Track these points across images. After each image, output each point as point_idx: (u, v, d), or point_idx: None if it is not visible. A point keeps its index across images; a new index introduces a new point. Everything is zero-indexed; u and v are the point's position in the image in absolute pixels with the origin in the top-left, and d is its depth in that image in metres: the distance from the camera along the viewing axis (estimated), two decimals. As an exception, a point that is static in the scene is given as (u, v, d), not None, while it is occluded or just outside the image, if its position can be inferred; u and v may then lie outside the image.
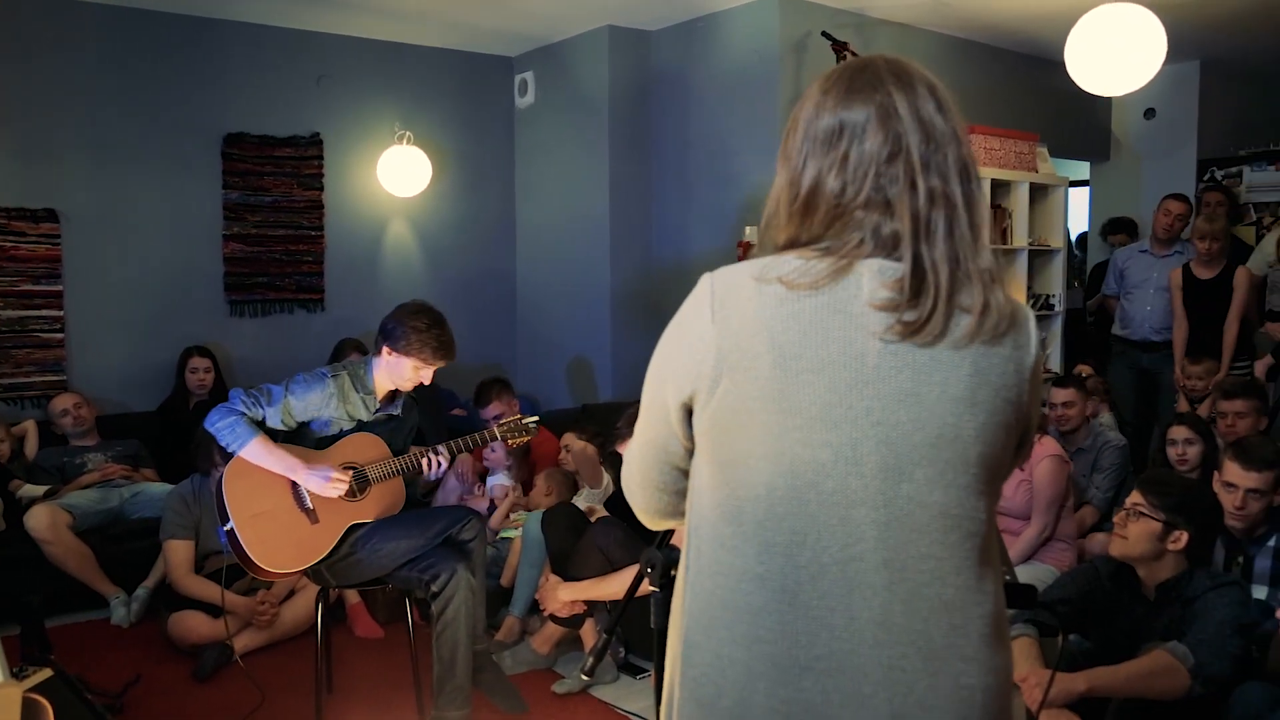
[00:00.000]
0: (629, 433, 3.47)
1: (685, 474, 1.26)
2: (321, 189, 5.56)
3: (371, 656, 3.80)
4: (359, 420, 3.10)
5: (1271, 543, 2.90)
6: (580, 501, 4.04)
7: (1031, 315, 1.20)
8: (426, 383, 3.12)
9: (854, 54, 4.73)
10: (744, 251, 5.10)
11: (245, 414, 2.91)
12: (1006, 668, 1.19)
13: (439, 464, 3.11)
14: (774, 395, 1.12)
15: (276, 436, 2.98)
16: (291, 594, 3.93)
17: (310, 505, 2.99)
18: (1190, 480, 3.18)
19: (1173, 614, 2.56)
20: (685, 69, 5.42)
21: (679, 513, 1.30)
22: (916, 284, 1.12)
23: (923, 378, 1.12)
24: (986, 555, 1.18)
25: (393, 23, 5.40)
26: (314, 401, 3.00)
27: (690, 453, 1.24)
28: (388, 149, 5.61)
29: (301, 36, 5.45)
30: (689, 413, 1.20)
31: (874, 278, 1.13)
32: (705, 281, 1.20)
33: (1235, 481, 2.89)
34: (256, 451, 2.89)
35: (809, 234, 1.18)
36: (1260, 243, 5.28)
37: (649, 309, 5.66)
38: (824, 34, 4.73)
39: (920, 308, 1.11)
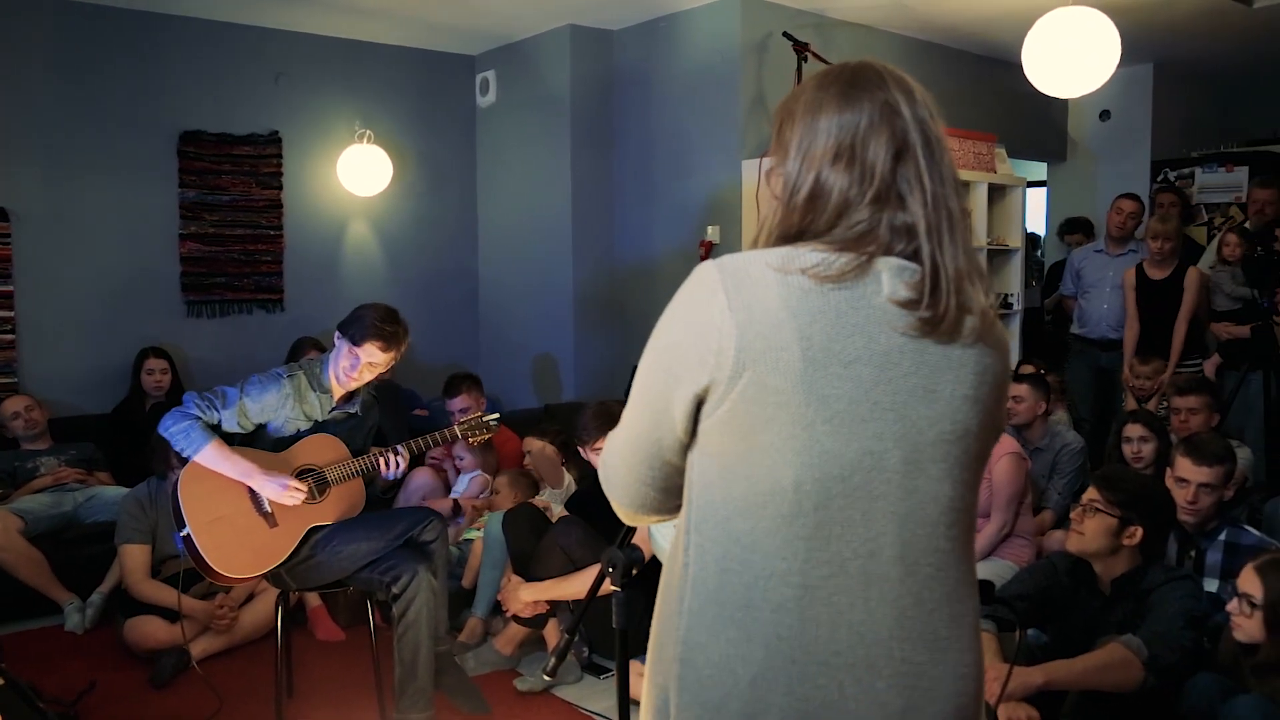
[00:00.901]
0: (597, 433, 3.47)
1: (677, 469, 1.22)
2: (280, 188, 5.50)
3: (333, 660, 3.77)
4: (316, 420, 3.07)
5: (1222, 536, 2.96)
6: (541, 501, 4.03)
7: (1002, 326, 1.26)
8: (370, 378, 3.07)
9: (815, 54, 4.77)
10: (706, 251, 5.12)
11: (200, 418, 2.86)
12: (977, 649, 1.23)
13: (398, 464, 3.09)
14: (803, 388, 1.10)
15: (233, 439, 2.95)
16: (251, 597, 3.88)
17: (268, 509, 2.95)
18: (1144, 476, 3.24)
19: (1128, 608, 2.60)
20: (647, 69, 5.43)
21: (663, 509, 1.27)
22: (933, 284, 1.14)
23: (938, 375, 1.15)
24: (971, 544, 1.23)
25: (352, 20, 5.35)
26: (270, 403, 2.97)
27: (686, 447, 1.20)
28: (348, 148, 5.56)
29: (259, 33, 5.39)
30: (697, 405, 1.16)
31: (894, 276, 1.14)
32: (710, 270, 1.15)
33: (1187, 477, 2.94)
34: (212, 457, 2.85)
35: (815, 230, 1.18)
36: (1210, 243, 5.38)
37: (611, 309, 5.66)
38: (785, 34, 4.76)
39: (936, 306, 1.14)
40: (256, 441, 3.01)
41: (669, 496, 1.25)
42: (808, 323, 1.11)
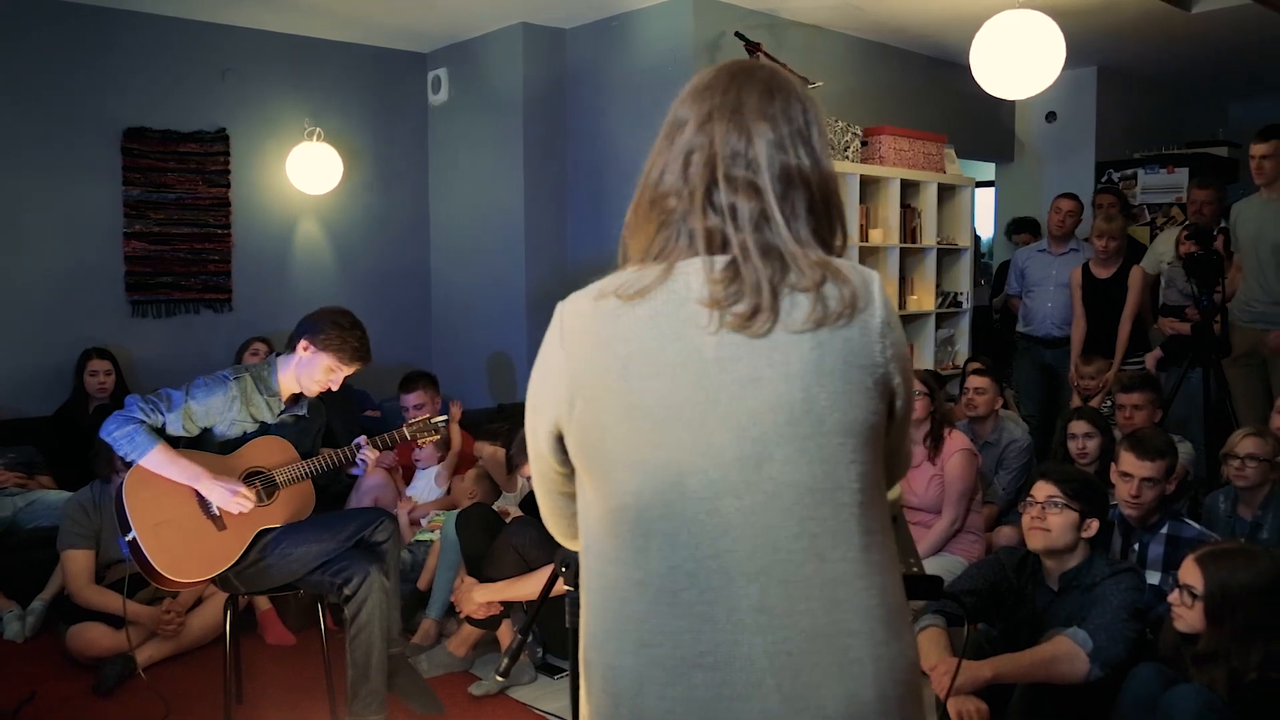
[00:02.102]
0: (524, 458, 3.49)
1: (573, 498, 1.28)
2: (228, 186, 5.42)
3: (283, 664, 3.72)
4: (264, 423, 3.02)
5: (1164, 530, 3.03)
6: (499, 503, 4.01)
7: (876, 277, 1.20)
8: (334, 388, 3.06)
9: (767, 55, 4.79)
10: (660, 250, 5.12)
11: (144, 421, 2.81)
12: (903, 640, 1.18)
13: (362, 461, 3.08)
14: (623, 405, 1.15)
15: (178, 443, 2.89)
16: (199, 602, 3.82)
17: (216, 511, 2.90)
18: (1086, 472, 3.32)
19: (1074, 601, 2.65)
20: (600, 68, 5.42)
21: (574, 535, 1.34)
22: (735, 274, 1.14)
23: (761, 360, 1.13)
24: (870, 525, 1.17)
25: (302, 17, 5.28)
26: (216, 406, 2.92)
27: (570, 477, 1.27)
28: (297, 145, 5.49)
29: (205, 29, 5.30)
30: (560, 440, 1.23)
31: (699, 274, 1.16)
32: (557, 310, 1.24)
33: (1130, 471, 3.01)
34: (157, 460, 2.80)
35: (646, 234, 1.22)
36: (1153, 242, 5.49)
37: (566, 308, 5.64)
38: (737, 34, 4.78)
39: (746, 300, 1.13)
40: (203, 444, 2.96)
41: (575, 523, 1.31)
42: (620, 343, 1.16)
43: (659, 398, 1.14)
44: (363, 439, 3.10)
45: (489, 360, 5.81)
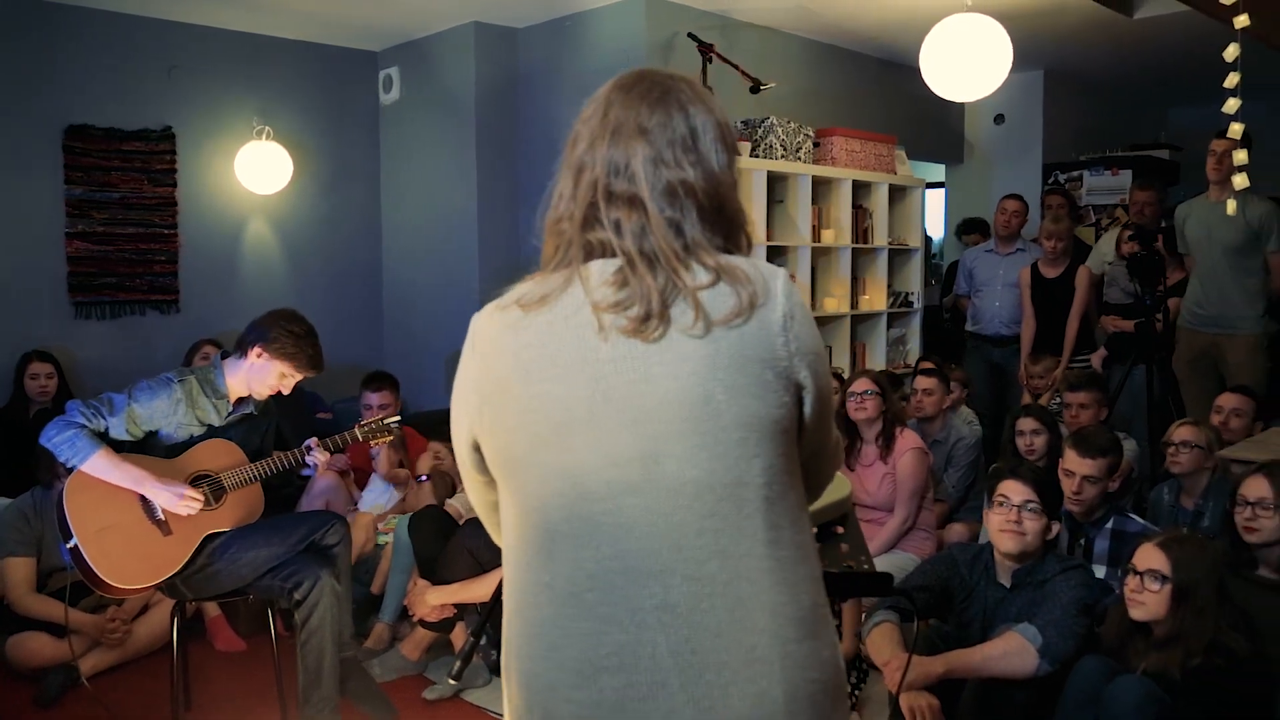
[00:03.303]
0: None
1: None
2: (174, 185, 5.32)
3: (233, 670, 3.66)
4: (211, 425, 2.97)
5: (1109, 525, 3.09)
6: (455, 503, 3.97)
7: (780, 273, 1.20)
8: (286, 393, 3.03)
9: (719, 56, 4.81)
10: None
11: (85, 426, 2.75)
12: (819, 638, 1.16)
13: (311, 463, 3.04)
14: (524, 411, 1.18)
15: (122, 447, 2.84)
16: (145, 609, 3.74)
17: (161, 516, 2.85)
18: (1041, 471, 3.37)
19: (1026, 598, 2.69)
20: (552, 67, 5.41)
21: None
22: (624, 280, 1.17)
23: (653, 359, 1.14)
24: (778, 520, 1.15)
25: (249, 13, 5.20)
26: (160, 408, 2.87)
27: (493, 485, 1.28)
28: (246, 144, 5.40)
29: (150, 25, 5.20)
30: (478, 449, 1.26)
31: (595, 278, 1.19)
32: (471, 322, 1.28)
33: (1073, 469, 3.07)
34: (100, 465, 2.74)
35: (547, 249, 1.27)
36: (1097, 242, 5.60)
37: (520, 308, 5.62)
38: (690, 35, 4.79)
39: (638, 306, 1.15)
40: (148, 448, 2.91)
41: None
42: (520, 350, 1.19)
43: (556, 400, 1.16)
44: (313, 440, 3.06)
45: (443, 360, 5.77)
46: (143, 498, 2.83)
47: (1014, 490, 2.73)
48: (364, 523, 4.10)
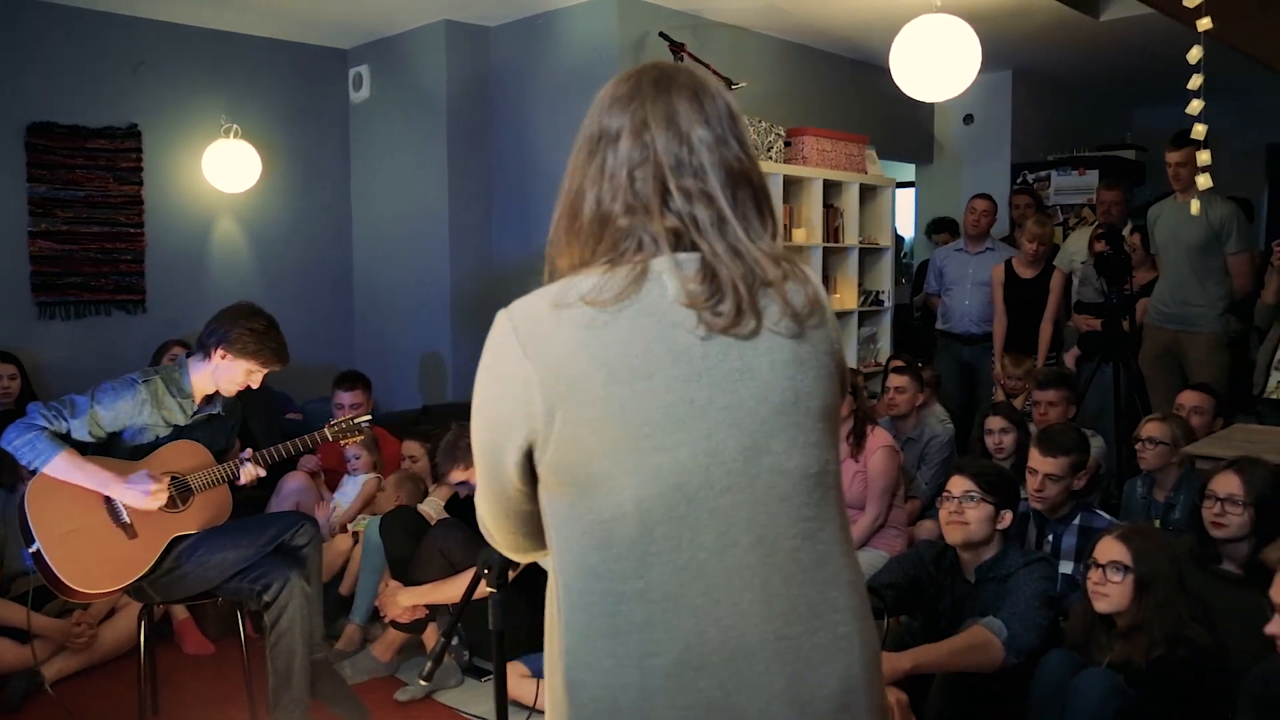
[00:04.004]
0: (451, 466, 3.46)
1: (534, 514, 1.23)
2: (140, 183, 5.25)
3: (202, 674, 3.63)
4: (177, 426, 2.94)
5: (1076, 521, 3.13)
6: (427, 506, 3.95)
7: (814, 277, 1.25)
8: (255, 387, 3.01)
9: (691, 55, 4.82)
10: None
11: (47, 428, 2.71)
12: (870, 614, 1.24)
13: (256, 475, 3.00)
14: (615, 411, 1.11)
15: (85, 449, 2.80)
16: (112, 613, 3.69)
17: (127, 519, 2.82)
18: (999, 465, 3.42)
19: (990, 592, 2.72)
20: (524, 66, 5.39)
21: (540, 549, 1.29)
22: (713, 280, 1.14)
23: (749, 355, 1.15)
24: (841, 504, 1.23)
25: (216, 10, 5.15)
26: (124, 410, 2.83)
27: (532, 494, 1.21)
28: (213, 142, 5.34)
29: (115, 20, 5.13)
30: (528, 457, 1.17)
31: (673, 274, 1.15)
32: (503, 320, 1.18)
33: (1035, 467, 3.12)
34: (63, 467, 2.70)
35: (587, 249, 1.19)
36: (1065, 241, 5.66)
37: (490, 308, 5.50)
38: (662, 34, 4.80)
39: (722, 303, 1.14)
40: (112, 450, 2.87)
41: (536, 539, 1.27)
42: (600, 349, 1.12)
43: (652, 401, 1.12)
44: (248, 452, 3.02)
45: (414, 361, 5.74)
46: (108, 501, 2.79)
47: (955, 483, 2.80)
48: (343, 548, 4.06)
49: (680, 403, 1.12)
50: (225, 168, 5.35)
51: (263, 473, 3.01)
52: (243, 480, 2.98)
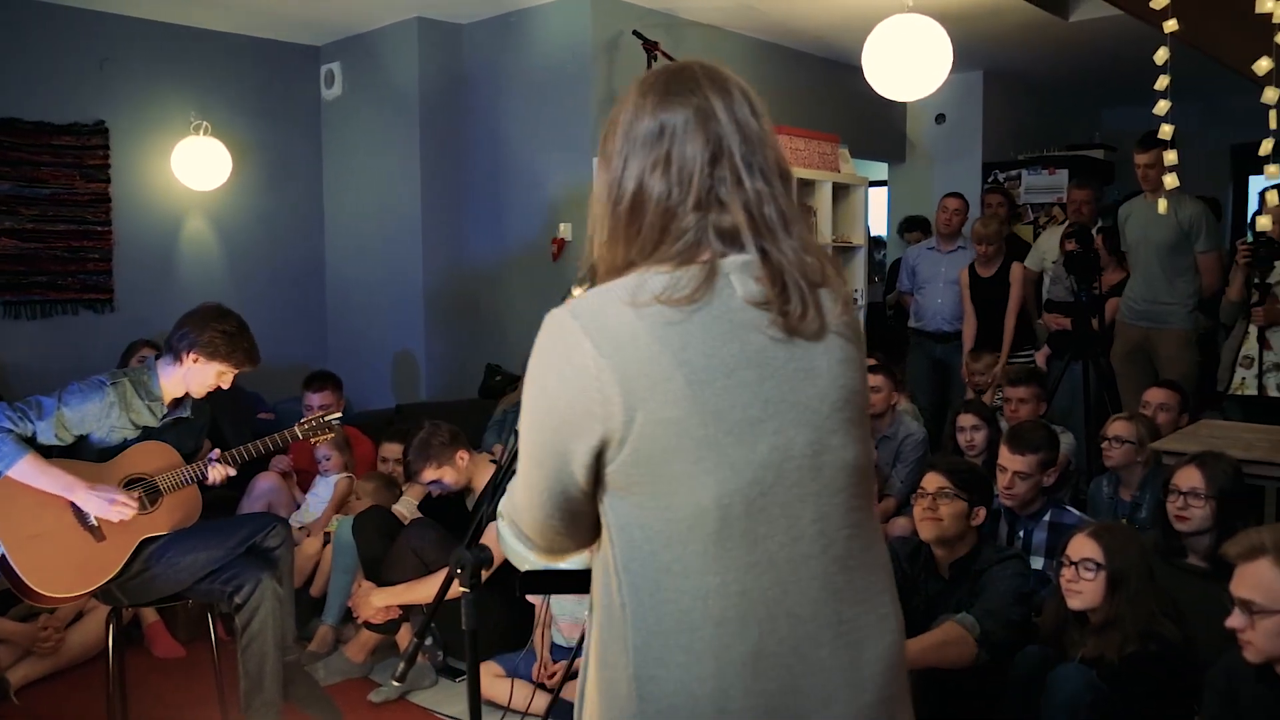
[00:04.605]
0: (424, 465, 3.44)
1: (587, 513, 1.22)
2: (108, 181, 5.19)
3: (172, 678, 3.59)
4: (146, 428, 2.91)
5: (1047, 517, 3.16)
6: (400, 506, 3.93)
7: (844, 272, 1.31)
8: (225, 387, 2.98)
9: (664, 54, 4.82)
10: (559, 248, 5.11)
11: (12, 430, 2.67)
12: (897, 594, 1.29)
13: (225, 475, 2.97)
14: (697, 411, 1.13)
15: (51, 452, 2.76)
16: (79, 616, 3.65)
17: (94, 522, 2.78)
18: (972, 462, 3.44)
19: (964, 589, 2.74)
20: (498, 64, 5.38)
21: (579, 548, 1.29)
22: (780, 283, 1.17)
23: (815, 352, 1.19)
24: (875, 492, 1.31)
25: (184, 6, 5.10)
26: (92, 412, 2.79)
27: (593, 495, 1.20)
28: (183, 140, 5.29)
29: (82, 15, 5.07)
30: (597, 456, 1.16)
31: (742, 275, 1.17)
32: (566, 319, 1.15)
33: (1004, 464, 3.14)
34: (27, 470, 2.66)
35: (645, 243, 1.19)
36: (1037, 240, 5.71)
37: (463, 307, 5.59)
38: (635, 33, 4.80)
39: (788, 303, 1.17)
40: (80, 453, 2.83)
41: (583, 537, 1.26)
42: (680, 348, 1.13)
43: (733, 400, 1.14)
44: (215, 453, 2.99)
45: (387, 361, 5.71)
46: (75, 503, 2.76)
47: (929, 480, 2.83)
48: (311, 550, 4.03)
49: (756, 401, 1.15)
50: (195, 165, 5.29)
51: (232, 472, 2.98)
52: (211, 480, 2.95)
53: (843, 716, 1.19)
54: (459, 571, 1.66)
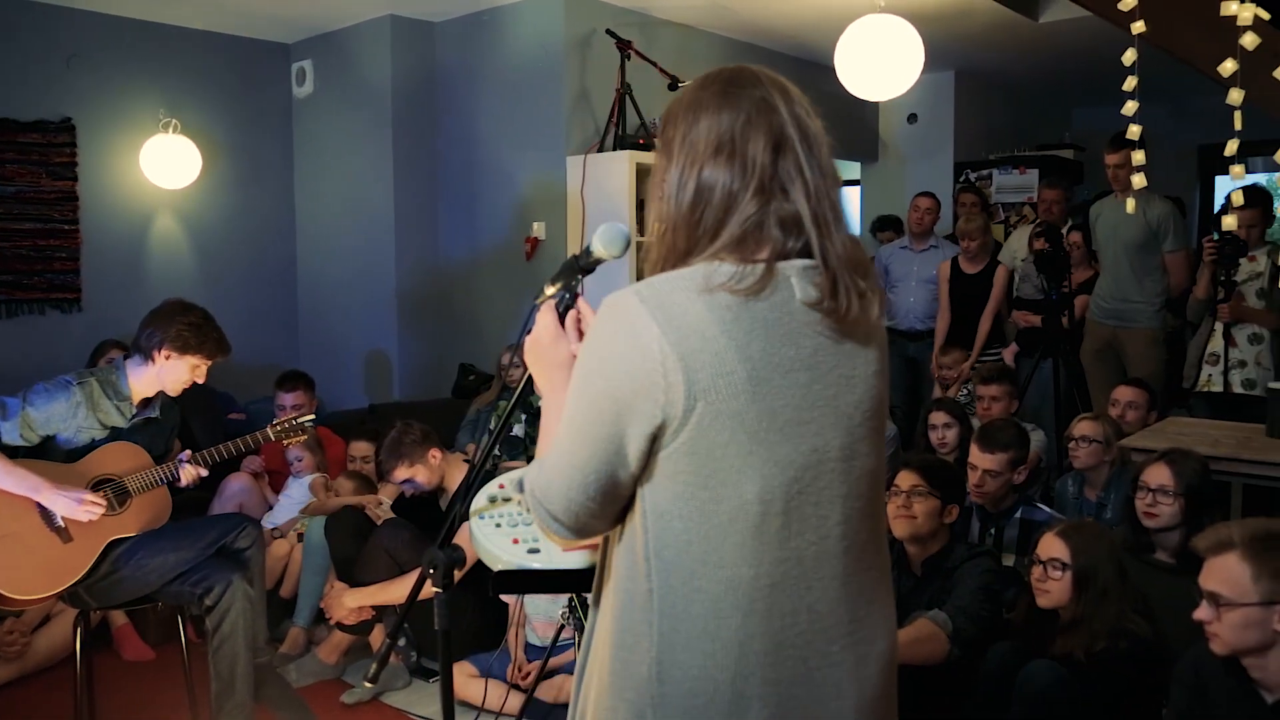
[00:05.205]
0: (396, 463, 3.42)
1: (625, 498, 1.22)
2: (75, 179, 5.12)
3: (142, 681, 3.55)
4: (115, 428, 2.87)
5: (1018, 514, 3.19)
6: (374, 513, 3.90)
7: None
8: (201, 381, 2.96)
9: (638, 53, 4.83)
10: (532, 248, 5.10)
11: None
12: (893, 593, 1.36)
13: (197, 476, 2.94)
14: (755, 406, 1.16)
15: (17, 453, 2.72)
16: (46, 619, 3.61)
17: (61, 523, 2.74)
18: (945, 460, 3.46)
19: (936, 586, 2.76)
20: (470, 62, 5.35)
21: (602, 532, 1.29)
22: (833, 281, 1.19)
23: (857, 361, 1.24)
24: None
25: (154, 2, 5.04)
26: (58, 412, 2.76)
27: (636, 480, 1.20)
28: (151, 137, 5.23)
29: (48, 11, 4.99)
30: (651, 441, 1.17)
31: (801, 279, 1.19)
32: (633, 301, 1.16)
33: (974, 463, 3.17)
34: None
35: (707, 230, 1.21)
36: (1008, 240, 5.75)
37: (437, 307, 5.57)
38: (609, 32, 4.80)
39: (839, 300, 1.19)
40: (47, 453, 2.79)
41: (613, 520, 1.26)
42: (745, 341, 1.15)
43: (786, 398, 1.18)
44: (186, 454, 2.96)
45: (360, 360, 5.67)
46: (41, 505, 2.72)
47: (903, 478, 2.84)
48: (281, 552, 4.00)
49: (805, 403, 1.19)
50: (164, 163, 5.24)
51: (204, 472, 2.95)
52: (184, 481, 2.93)
53: (848, 710, 1.24)
54: (432, 571, 1.65)
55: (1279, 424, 3.38)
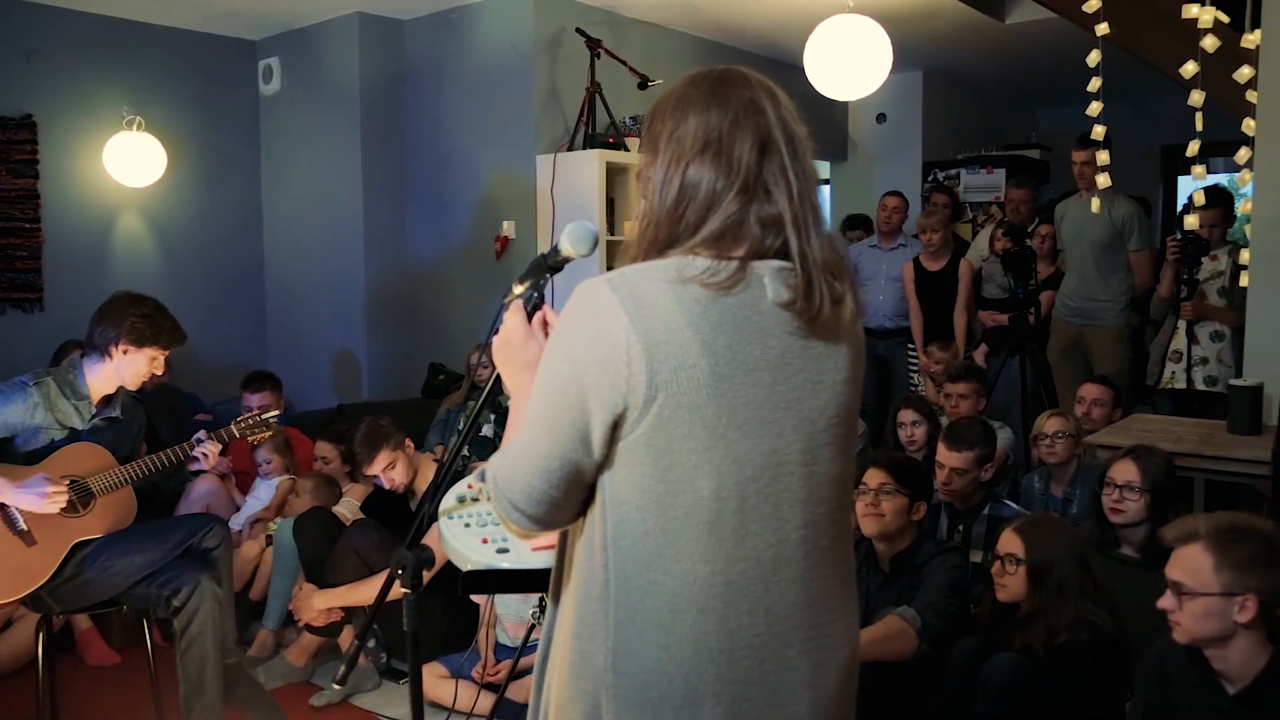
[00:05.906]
0: (373, 453, 3.40)
1: (587, 487, 1.22)
2: (36, 177, 5.05)
3: (107, 686, 3.50)
4: (74, 429, 2.83)
5: (985, 511, 3.21)
6: (341, 507, 3.88)
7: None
8: (159, 373, 2.92)
9: (607, 51, 4.82)
10: (502, 247, 5.08)
11: None
12: (857, 603, 1.36)
13: (202, 454, 2.92)
14: (715, 402, 1.16)
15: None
16: (8, 624, 3.55)
17: (24, 526, 2.70)
18: (913, 458, 3.49)
19: (904, 583, 2.78)
20: (439, 60, 5.33)
21: (566, 524, 1.28)
22: (807, 283, 1.19)
23: (824, 365, 1.23)
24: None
25: (117, -3, 4.98)
26: (15, 413, 2.72)
27: (598, 469, 1.21)
28: (115, 135, 5.16)
29: (8, 6, 4.91)
30: (612, 429, 1.17)
31: (774, 279, 1.19)
32: (604, 289, 1.16)
33: (941, 460, 3.20)
34: None
35: (688, 225, 1.21)
36: (975, 239, 5.80)
37: (405, 305, 5.53)
38: (578, 30, 4.79)
39: (812, 303, 1.19)
40: (6, 456, 2.75)
41: (575, 511, 1.26)
42: (711, 335, 1.15)
43: (746, 396, 1.17)
44: (203, 432, 2.94)
45: (328, 360, 5.63)
46: (2, 507, 2.68)
47: (870, 476, 2.85)
48: (250, 554, 3.96)
49: (767, 404, 1.18)
50: (128, 161, 5.17)
51: (218, 448, 2.96)
52: (207, 464, 2.93)
53: (803, 717, 1.24)
54: (400, 572, 1.64)
55: (1240, 421, 3.43)
